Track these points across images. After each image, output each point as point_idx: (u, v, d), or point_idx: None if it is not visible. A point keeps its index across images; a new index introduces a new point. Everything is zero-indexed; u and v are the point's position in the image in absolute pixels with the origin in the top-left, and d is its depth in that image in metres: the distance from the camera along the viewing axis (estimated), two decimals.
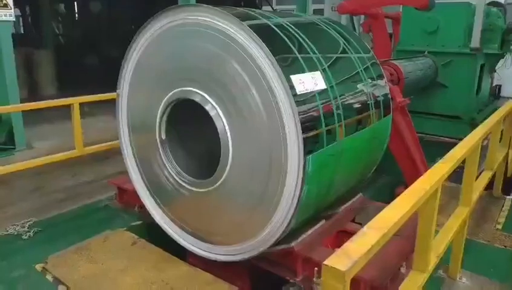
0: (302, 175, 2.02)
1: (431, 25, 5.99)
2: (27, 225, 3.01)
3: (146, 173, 2.83)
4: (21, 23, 17.45)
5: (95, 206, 3.45)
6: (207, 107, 2.27)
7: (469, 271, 2.50)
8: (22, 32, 17.28)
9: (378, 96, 2.72)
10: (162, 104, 2.52)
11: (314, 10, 12.93)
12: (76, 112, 3.19)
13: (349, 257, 0.98)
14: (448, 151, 1.91)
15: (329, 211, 2.75)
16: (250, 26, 2.09)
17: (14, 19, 4.59)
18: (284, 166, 2.08)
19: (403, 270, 2.26)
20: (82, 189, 3.79)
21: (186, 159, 2.68)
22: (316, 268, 2.22)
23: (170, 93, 2.46)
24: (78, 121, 3.21)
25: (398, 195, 2.86)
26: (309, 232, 2.46)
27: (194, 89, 2.33)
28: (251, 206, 2.28)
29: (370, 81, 2.67)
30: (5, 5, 4.51)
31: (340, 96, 2.31)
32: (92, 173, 4.11)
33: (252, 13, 2.35)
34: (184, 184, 2.56)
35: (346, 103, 2.36)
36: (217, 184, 2.37)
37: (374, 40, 6.80)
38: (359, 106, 2.52)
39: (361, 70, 2.63)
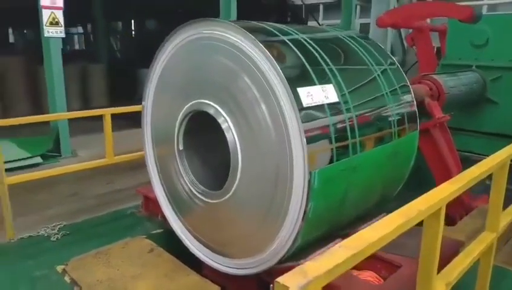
0: (307, 191, 1.98)
1: (479, 37, 5.68)
2: (57, 228, 3.17)
3: (166, 182, 2.90)
4: (81, 40, 18.73)
5: (122, 213, 3.57)
6: (220, 120, 2.30)
7: None
8: (83, 48, 18.54)
9: (402, 111, 2.61)
10: (180, 115, 2.58)
11: (360, 24, 12.77)
12: (107, 122, 3.34)
13: (305, 275, 0.93)
14: None
15: (347, 230, 2.65)
16: (262, 41, 2.10)
17: (63, 35, 4.94)
18: (290, 181, 2.05)
19: None
20: (113, 196, 3.95)
21: (203, 170, 2.71)
22: None
23: (188, 105, 2.51)
24: (109, 131, 3.37)
25: None
26: (321, 250, 2.38)
27: (209, 102, 2.37)
28: (260, 220, 2.25)
29: (393, 95, 2.57)
30: (57, 23, 4.87)
31: (355, 110, 2.24)
32: (125, 181, 4.26)
33: (269, 28, 2.35)
34: (198, 194, 2.59)
35: (362, 117, 2.29)
36: (227, 196, 2.37)
37: (418, 54, 6.56)
38: (378, 120, 2.42)
39: (383, 84, 2.53)
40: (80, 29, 19.95)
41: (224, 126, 2.28)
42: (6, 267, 2.65)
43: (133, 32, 18.04)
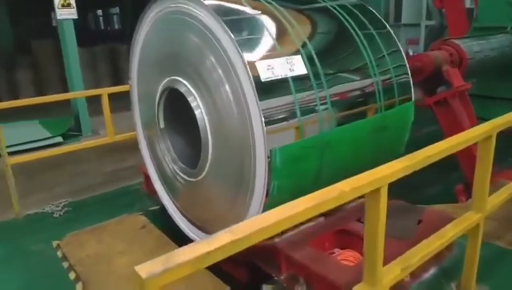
0: (268, 169, 1.90)
1: None
2: (62, 205, 3.32)
3: (156, 160, 2.92)
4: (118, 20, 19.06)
5: (127, 190, 3.68)
6: (190, 99, 2.25)
7: (488, 285, 2.13)
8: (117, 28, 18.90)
9: (390, 81, 2.42)
10: (158, 92, 2.56)
11: None
12: (105, 102, 3.40)
13: (165, 263, 0.89)
14: None
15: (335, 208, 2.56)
16: (224, 11, 2.00)
17: (76, 17, 5.03)
18: (253, 160, 1.98)
19: None
20: (122, 173, 4.05)
21: (186, 149, 2.70)
22: None
23: (163, 82, 2.48)
24: (107, 110, 3.43)
25: (458, 194, 2.49)
26: (300, 229, 2.32)
27: (180, 79, 2.32)
28: (231, 198, 2.22)
29: (379, 64, 2.39)
30: (68, 5, 4.97)
31: (328, 83, 2.11)
32: (139, 158, 4.36)
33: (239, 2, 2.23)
34: (179, 172, 2.59)
35: (336, 89, 2.15)
36: (203, 174, 2.34)
37: (447, 16, 6.07)
38: (357, 93, 2.27)
39: (367, 52, 2.35)
40: (117, 10, 20.35)
41: (193, 104, 2.23)
42: (7, 241, 2.82)
43: None
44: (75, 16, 5.03)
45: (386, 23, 2.60)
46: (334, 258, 2.17)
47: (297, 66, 2.02)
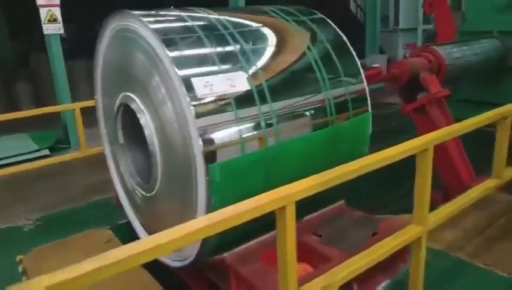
0: (208, 185, 1.91)
1: (500, 0, 5.08)
2: (34, 219, 3.36)
3: (120, 175, 2.94)
4: None
5: (100, 203, 3.70)
6: (139, 115, 2.26)
7: None
8: None
9: (342, 93, 2.41)
10: (115, 108, 2.59)
11: None
12: (78, 116, 3.45)
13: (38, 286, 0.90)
14: None
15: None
16: (163, 30, 2.02)
17: (62, 32, 5.12)
18: (195, 177, 1.99)
19: None
20: (100, 187, 4.08)
21: (143, 164, 2.71)
22: None
23: (119, 97, 2.50)
24: (80, 125, 3.47)
25: (436, 203, 2.51)
26: (251, 243, 2.31)
27: (132, 95, 2.34)
28: (180, 214, 2.23)
29: (331, 76, 2.38)
30: (55, 20, 5.06)
31: (273, 98, 2.10)
32: None
33: (181, 14, 2.25)
34: (136, 187, 2.60)
35: (282, 104, 2.14)
36: (155, 189, 2.35)
37: (436, 21, 6.01)
38: (306, 107, 2.26)
39: (318, 66, 2.35)
40: None
41: (142, 121, 2.24)
42: None
43: None
44: (62, 31, 5.12)
45: (341, 34, 2.59)
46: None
47: (239, 82, 2.02)
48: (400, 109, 4.45)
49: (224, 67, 2.02)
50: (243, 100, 2.01)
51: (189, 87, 1.87)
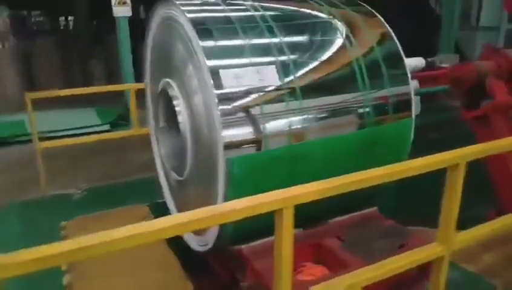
0: (228, 177, 1.93)
1: None
2: (84, 189, 3.62)
3: (160, 157, 3.07)
4: None
5: (147, 180, 3.89)
6: (175, 102, 2.33)
7: None
8: None
9: (384, 95, 2.29)
10: (158, 93, 2.69)
11: None
12: (132, 96, 3.64)
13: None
14: None
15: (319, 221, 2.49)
16: (199, 21, 2.05)
17: (130, 14, 5.40)
18: (217, 167, 2.02)
19: None
20: (150, 165, 4.28)
21: (177, 148, 2.79)
22: None
23: (161, 83, 2.60)
24: (134, 104, 3.67)
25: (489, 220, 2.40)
26: (270, 239, 2.30)
27: (171, 82, 2.42)
28: (205, 202, 2.27)
29: (373, 76, 2.26)
30: (124, 3, 5.34)
31: (303, 95, 2.06)
32: None
33: (225, 5, 2.26)
34: (171, 170, 2.70)
35: (312, 102, 2.09)
36: (185, 174, 2.43)
37: None
38: (339, 106, 2.18)
39: (358, 63, 2.25)
40: None
41: (177, 108, 2.31)
42: (24, 219, 3.16)
43: None
44: (130, 13, 5.40)
45: (389, 28, 2.44)
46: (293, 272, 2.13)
47: (268, 77, 2.00)
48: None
49: (255, 60, 2.01)
50: (271, 95, 1.99)
51: (217, 78, 1.89)
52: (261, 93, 1.97)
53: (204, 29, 2.01)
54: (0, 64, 10.62)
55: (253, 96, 1.96)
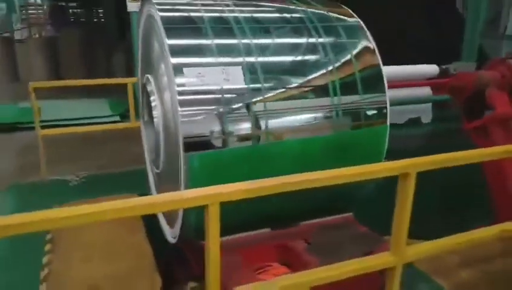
0: (185, 173, 1.98)
1: None
2: (81, 176, 3.78)
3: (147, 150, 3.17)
4: None
5: (141, 171, 4.00)
6: (152, 98, 2.41)
7: None
8: None
9: (355, 101, 2.28)
10: (140, 88, 2.78)
11: None
12: (130, 90, 3.76)
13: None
14: None
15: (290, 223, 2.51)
16: (172, 21, 2.11)
17: None
18: (181, 163, 2.07)
19: None
20: None
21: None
22: None
23: (144, 78, 2.68)
24: (131, 97, 3.78)
25: None
26: (235, 236, 2.35)
27: (150, 77, 2.49)
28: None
29: (344, 80, 2.26)
30: None
31: (269, 96, 2.08)
32: None
33: (201, 4, 2.31)
34: (151, 162, 2.79)
35: (279, 105, 2.11)
36: (160, 167, 2.50)
37: None
38: (307, 109, 2.19)
39: (332, 68, 2.24)
40: None
41: (153, 104, 2.39)
42: (20, 200, 3.34)
43: None
44: None
45: (368, 33, 2.42)
46: (249, 269, 2.16)
47: (234, 77, 2.04)
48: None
49: (222, 60, 2.05)
50: (235, 95, 2.03)
51: (180, 76, 1.95)
52: (226, 93, 2.00)
53: (173, 27, 2.07)
54: (31, 53, 11.14)
55: (217, 95, 2.00)
